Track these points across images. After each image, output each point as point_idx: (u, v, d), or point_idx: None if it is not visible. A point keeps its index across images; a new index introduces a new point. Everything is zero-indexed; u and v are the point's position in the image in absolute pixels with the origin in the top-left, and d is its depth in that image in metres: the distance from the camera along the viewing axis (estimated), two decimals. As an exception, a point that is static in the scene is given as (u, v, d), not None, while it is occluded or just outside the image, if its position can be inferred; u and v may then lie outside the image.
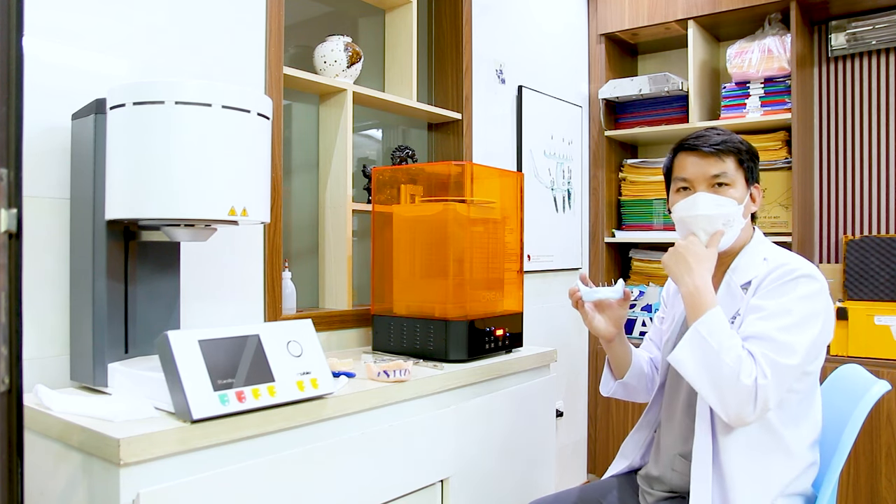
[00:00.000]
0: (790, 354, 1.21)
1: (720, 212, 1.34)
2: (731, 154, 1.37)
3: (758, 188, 1.42)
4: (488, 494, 1.72)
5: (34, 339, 1.36)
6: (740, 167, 1.37)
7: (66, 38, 1.42)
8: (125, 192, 1.23)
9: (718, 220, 1.34)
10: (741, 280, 1.36)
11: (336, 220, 2.06)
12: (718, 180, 1.36)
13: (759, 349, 1.21)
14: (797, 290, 1.26)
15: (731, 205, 1.34)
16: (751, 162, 1.39)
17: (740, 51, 2.76)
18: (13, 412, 0.70)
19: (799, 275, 1.28)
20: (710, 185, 1.36)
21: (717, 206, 1.34)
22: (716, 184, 1.36)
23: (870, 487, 2.39)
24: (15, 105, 0.70)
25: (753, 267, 1.36)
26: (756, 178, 1.41)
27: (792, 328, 1.23)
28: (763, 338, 1.23)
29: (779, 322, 1.23)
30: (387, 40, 2.34)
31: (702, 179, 1.37)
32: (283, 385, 1.23)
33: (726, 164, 1.36)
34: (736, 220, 1.35)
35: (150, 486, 1.04)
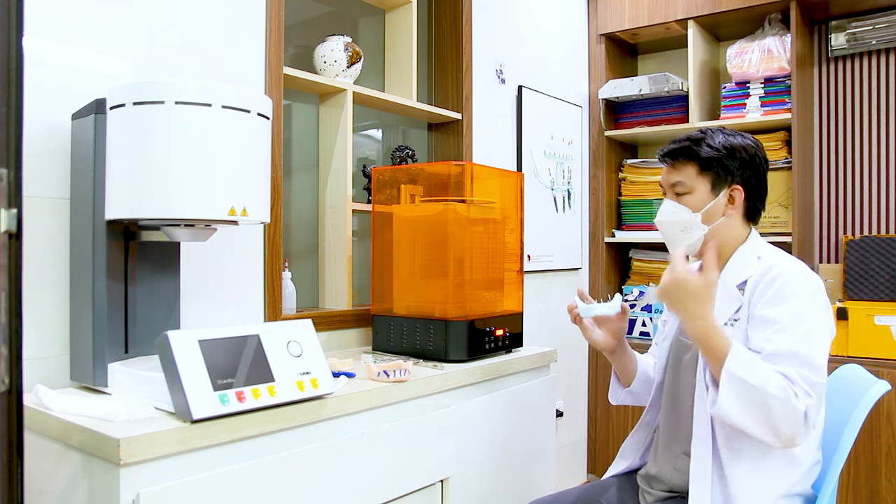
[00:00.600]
0: (819, 371, 1.21)
1: (674, 219, 1.39)
2: (688, 162, 1.38)
3: (738, 189, 1.38)
4: (488, 494, 1.72)
5: (34, 339, 1.36)
6: (703, 173, 1.37)
7: (66, 38, 1.42)
8: (125, 192, 1.23)
9: (674, 227, 1.39)
10: (736, 280, 1.36)
11: (336, 220, 2.06)
12: (676, 189, 1.40)
13: (793, 369, 1.19)
14: (800, 293, 1.26)
15: (684, 212, 1.38)
16: (719, 166, 1.36)
17: (740, 51, 2.76)
18: (13, 412, 0.70)
19: (796, 276, 1.28)
20: (673, 193, 1.41)
21: (671, 214, 1.39)
22: (675, 192, 1.40)
23: (870, 487, 2.39)
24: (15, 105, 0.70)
25: (747, 266, 1.36)
26: (736, 178, 1.37)
27: (809, 337, 1.22)
28: (790, 355, 1.21)
29: (795, 333, 1.22)
30: (387, 40, 2.34)
31: (668, 187, 1.43)
32: (283, 385, 1.23)
33: (683, 173, 1.39)
34: (693, 226, 1.37)
35: (150, 486, 1.04)
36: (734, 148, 1.37)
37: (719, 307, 1.35)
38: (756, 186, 1.40)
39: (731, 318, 1.35)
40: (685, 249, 1.37)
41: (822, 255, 2.88)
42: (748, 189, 1.39)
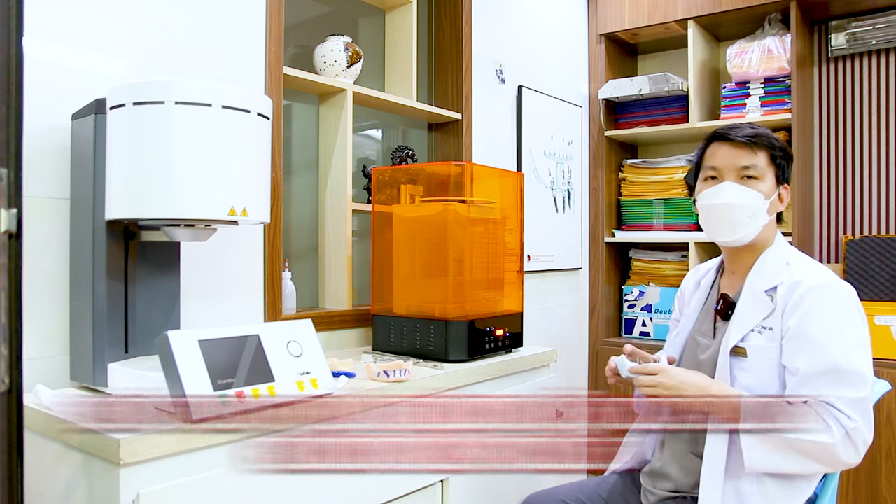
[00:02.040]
0: (863, 384, 1.21)
1: (745, 202, 1.33)
2: (763, 148, 1.35)
3: (787, 189, 1.39)
4: (488, 494, 1.72)
5: (34, 339, 1.36)
6: (772, 163, 1.36)
7: (66, 38, 1.42)
8: (125, 192, 1.23)
9: (744, 210, 1.33)
10: (765, 285, 1.34)
11: (336, 220, 2.06)
12: (748, 172, 1.35)
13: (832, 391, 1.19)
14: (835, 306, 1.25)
15: (757, 197, 1.33)
16: (783, 161, 1.37)
17: (740, 51, 2.76)
18: (13, 412, 0.70)
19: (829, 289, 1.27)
20: (738, 176, 1.35)
21: (742, 197, 1.33)
22: (745, 175, 1.35)
23: (870, 487, 2.39)
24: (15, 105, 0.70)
25: (777, 272, 1.34)
26: (787, 178, 1.39)
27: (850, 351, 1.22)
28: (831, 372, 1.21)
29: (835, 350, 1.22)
30: (387, 40, 2.34)
31: (731, 169, 1.36)
32: (283, 385, 1.23)
33: (758, 157, 1.35)
34: (759, 214, 1.33)
35: (150, 486, 1.04)
36: (788, 149, 1.39)
37: (747, 311, 1.34)
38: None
39: (759, 324, 1.32)
40: (740, 237, 1.35)
41: (822, 255, 2.88)
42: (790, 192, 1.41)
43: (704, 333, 1.44)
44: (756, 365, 1.30)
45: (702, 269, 1.59)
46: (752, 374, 1.30)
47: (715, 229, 1.38)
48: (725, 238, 1.37)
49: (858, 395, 1.19)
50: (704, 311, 1.48)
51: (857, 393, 1.20)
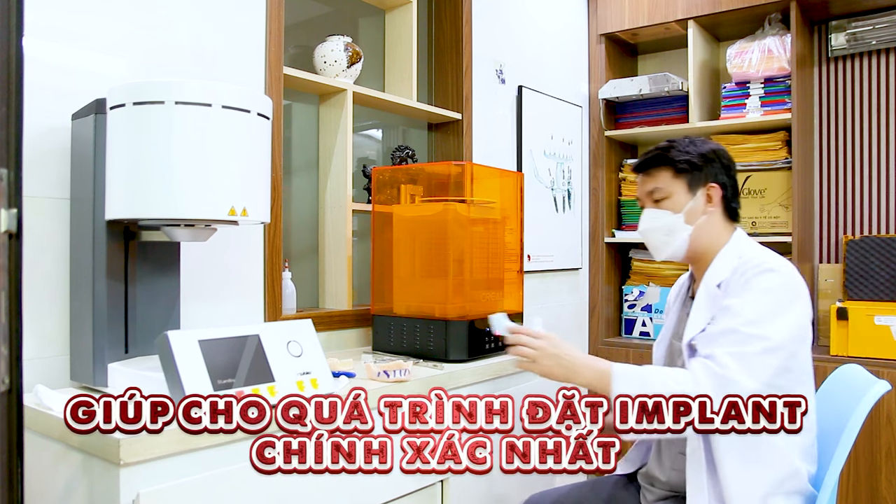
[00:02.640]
0: (756, 341, 1.22)
1: (655, 225, 1.43)
2: (661, 167, 1.43)
3: (714, 188, 1.41)
4: (488, 494, 1.72)
5: (34, 339, 1.36)
6: (676, 177, 1.41)
7: (66, 38, 1.42)
8: (125, 192, 1.23)
9: (657, 232, 1.43)
10: (716, 280, 1.38)
11: (336, 220, 2.06)
12: (654, 196, 1.44)
13: (720, 348, 1.22)
14: (761, 284, 1.28)
15: (665, 216, 1.41)
16: (691, 166, 1.40)
17: (740, 51, 2.76)
18: (13, 412, 0.70)
19: (762, 269, 1.30)
20: (651, 202, 1.45)
21: (652, 221, 1.43)
22: (654, 199, 1.44)
23: (870, 487, 2.39)
24: (15, 105, 0.69)
25: (727, 266, 1.38)
26: (710, 178, 1.41)
27: (757, 321, 1.24)
28: (729, 331, 1.24)
29: (743, 317, 1.25)
30: (387, 40, 2.34)
31: (644, 197, 1.47)
32: (283, 385, 1.23)
33: (658, 179, 1.43)
34: (677, 229, 1.41)
35: (150, 486, 1.04)
36: (703, 150, 1.42)
37: (701, 307, 1.38)
38: (729, 185, 1.44)
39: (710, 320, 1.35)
40: (671, 254, 1.42)
41: (822, 255, 2.88)
42: (724, 187, 1.42)
43: (678, 337, 1.47)
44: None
45: (682, 278, 1.63)
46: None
47: (652, 252, 1.49)
48: (660, 257, 1.47)
49: (748, 350, 1.21)
50: (680, 316, 1.52)
51: (748, 349, 1.21)
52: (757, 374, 1.21)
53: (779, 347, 1.23)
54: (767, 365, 1.22)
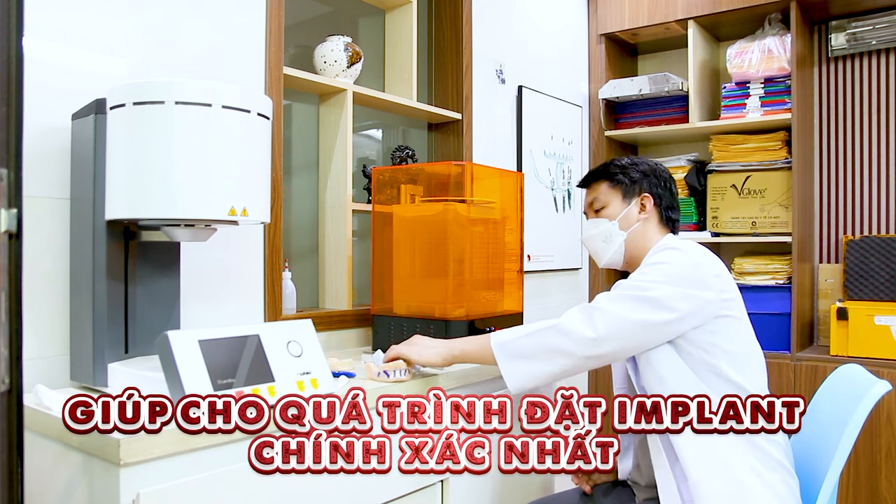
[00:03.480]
0: (631, 290, 1.31)
1: (594, 232, 1.54)
2: (598, 180, 1.56)
3: (647, 197, 1.51)
4: (488, 495, 1.72)
5: (34, 339, 1.36)
6: (612, 187, 1.53)
7: (66, 38, 1.42)
8: (125, 192, 1.23)
9: (596, 238, 1.53)
10: None
11: (336, 220, 2.06)
12: (594, 206, 1.56)
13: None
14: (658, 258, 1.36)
15: (602, 223, 1.52)
16: (627, 178, 1.51)
17: (740, 51, 2.76)
18: (13, 412, 0.70)
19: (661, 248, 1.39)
20: (592, 212, 1.56)
21: (591, 228, 1.55)
22: (595, 210, 1.55)
23: (870, 487, 2.39)
24: (15, 105, 0.70)
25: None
26: (643, 188, 1.51)
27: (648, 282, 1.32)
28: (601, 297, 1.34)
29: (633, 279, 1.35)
30: (387, 40, 2.34)
31: (587, 209, 1.59)
32: (284, 385, 1.23)
33: (596, 190, 1.56)
34: (613, 235, 1.51)
35: (150, 486, 1.04)
36: (636, 163, 1.54)
37: None
38: (664, 196, 1.52)
39: None
40: (609, 259, 1.51)
41: (822, 255, 2.88)
42: (656, 197, 1.51)
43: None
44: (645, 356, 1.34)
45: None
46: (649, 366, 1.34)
47: (595, 259, 1.59)
48: (601, 264, 1.56)
49: (622, 293, 1.31)
50: None
51: (623, 292, 1.31)
52: (619, 309, 1.29)
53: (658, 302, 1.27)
54: (635, 308, 1.28)
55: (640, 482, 1.48)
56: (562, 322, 1.31)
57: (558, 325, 1.31)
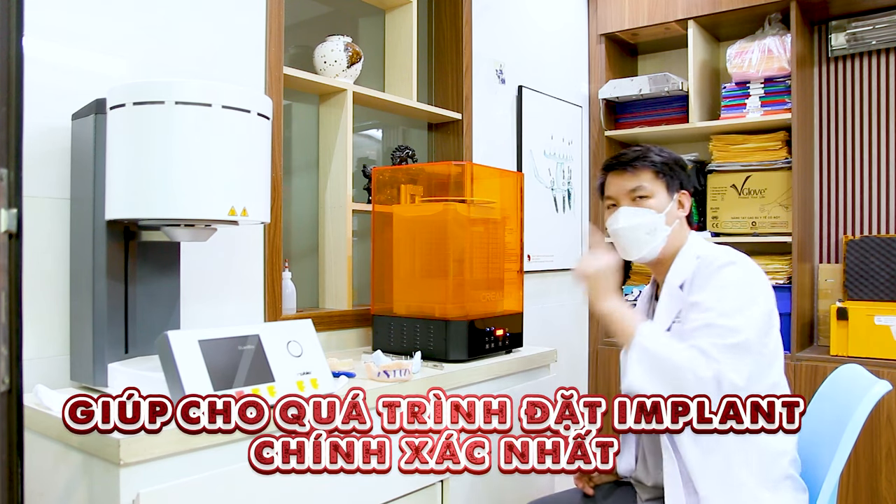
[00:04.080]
0: (735, 334, 1.24)
1: (639, 221, 1.43)
2: (644, 168, 1.45)
3: (685, 195, 1.47)
4: (488, 494, 1.72)
5: (34, 339, 1.36)
6: (657, 178, 1.44)
7: (66, 38, 1.42)
8: (125, 192, 1.23)
9: (640, 229, 1.43)
10: (678, 281, 1.41)
11: (336, 220, 2.06)
12: (636, 194, 1.44)
13: (705, 340, 1.24)
14: (725, 277, 1.32)
15: (649, 214, 1.43)
16: (671, 171, 1.45)
17: (740, 51, 2.76)
18: (13, 412, 0.70)
19: (721, 263, 1.33)
20: (630, 199, 1.45)
21: (635, 217, 1.43)
22: (635, 197, 1.44)
23: (870, 487, 2.39)
24: (15, 105, 0.70)
25: (687, 266, 1.41)
26: (682, 185, 1.47)
27: (730, 313, 1.27)
28: (706, 327, 1.27)
29: (715, 309, 1.28)
30: (387, 40, 2.34)
31: (623, 195, 1.46)
32: (284, 385, 1.23)
33: (641, 178, 1.44)
34: (658, 228, 1.42)
35: (150, 486, 1.04)
36: (674, 157, 1.48)
37: (664, 308, 1.42)
38: (693, 193, 1.50)
39: (675, 318, 1.39)
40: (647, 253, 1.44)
41: (822, 255, 2.88)
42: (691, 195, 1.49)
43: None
44: None
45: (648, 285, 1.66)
46: None
47: (624, 251, 1.47)
48: (633, 257, 1.46)
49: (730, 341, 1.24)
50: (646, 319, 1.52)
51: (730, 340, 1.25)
52: (740, 369, 1.24)
53: (749, 341, 1.26)
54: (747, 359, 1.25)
55: (645, 482, 1.46)
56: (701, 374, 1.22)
57: (692, 367, 1.22)
